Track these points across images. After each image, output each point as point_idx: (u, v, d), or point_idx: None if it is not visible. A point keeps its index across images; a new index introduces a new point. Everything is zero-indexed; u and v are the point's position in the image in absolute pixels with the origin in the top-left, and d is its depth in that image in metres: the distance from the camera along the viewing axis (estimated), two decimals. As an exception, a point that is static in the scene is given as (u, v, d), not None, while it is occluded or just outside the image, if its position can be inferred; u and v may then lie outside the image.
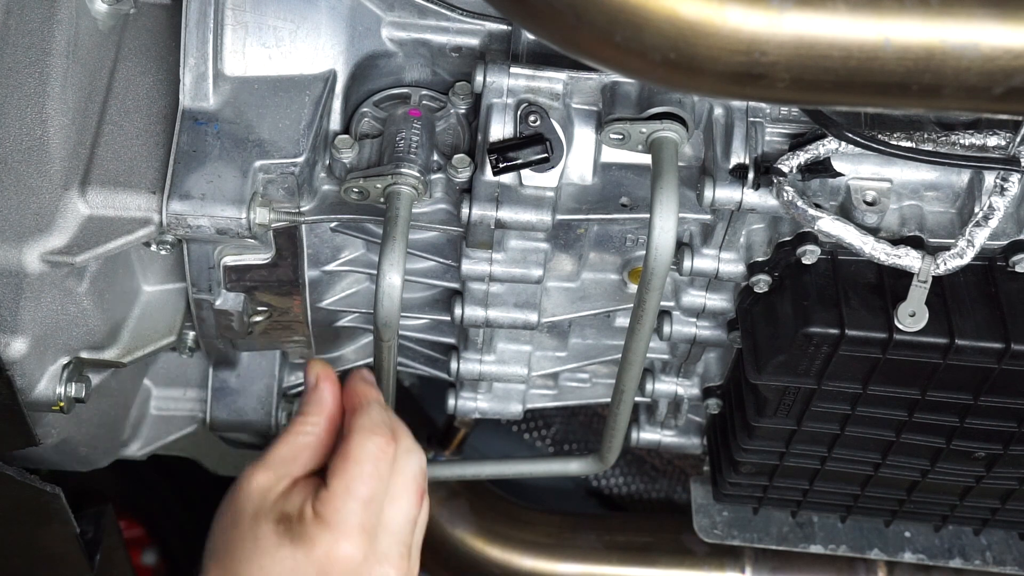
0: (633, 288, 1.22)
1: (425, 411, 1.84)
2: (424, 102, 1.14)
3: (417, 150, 1.09)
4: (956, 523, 1.42)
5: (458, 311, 1.19)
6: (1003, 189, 1.02)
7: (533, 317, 1.19)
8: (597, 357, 1.33)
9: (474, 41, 1.14)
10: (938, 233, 1.08)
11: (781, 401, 1.17)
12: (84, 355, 1.13)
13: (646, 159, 1.07)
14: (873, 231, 1.05)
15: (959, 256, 1.03)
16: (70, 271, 1.06)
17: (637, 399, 1.37)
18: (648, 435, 1.46)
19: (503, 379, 1.32)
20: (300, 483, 0.98)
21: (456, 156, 1.09)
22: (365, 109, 1.14)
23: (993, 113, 0.87)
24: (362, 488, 0.95)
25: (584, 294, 1.23)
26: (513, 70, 1.08)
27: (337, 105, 1.13)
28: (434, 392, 1.76)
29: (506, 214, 1.08)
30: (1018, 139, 1.00)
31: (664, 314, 1.24)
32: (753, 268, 1.13)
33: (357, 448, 0.97)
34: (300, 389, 1.35)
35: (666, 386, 1.36)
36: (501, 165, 1.06)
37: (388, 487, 0.98)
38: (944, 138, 1.03)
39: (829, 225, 1.03)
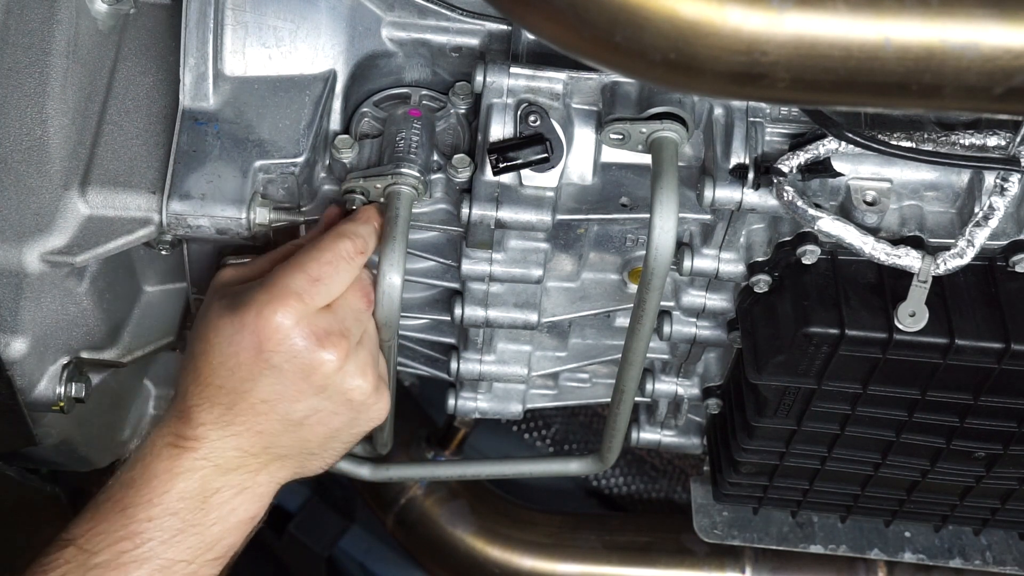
0: (633, 288, 1.22)
1: (425, 411, 1.84)
2: (424, 102, 1.14)
3: (417, 150, 1.09)
4: (956, 523, 1.42)
5: (458, 311, 1.19)
6: (1003, 189, 1.02)
7: (533, 317, 1.19)
8: (597, 357, 1.33)
9: (474, 41, 1.14)
10: (938, 233, 1.08)
11: (781, 401, 1.17)
12: (84, 355, 1.13)
13: (646, 159, 1.07)
14: (873, 231, 1.05)
15: (959, 256, 1.03)
16: (70, 271, 1.06)
17: (637, 399, 1.37)
18: (648, 435, 1.46)
19: (503, 379, 1.32)
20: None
21: (456, 156, 1.10)
22: (365, 109, 1.14)
23: (993, 113, 0.87)
24: (314, 268, 0.98)
25: (584, 294, 1.23)
26: (513, 70, 1.08)
27: (337, 105, 1.13)
28: (434, 392, 1.76)
29: (506, 214, 1.08)
30: (1018, 139, 1.00)
31: (664, 314, 1.24)
32: (753, 268, 1.13)
33: (329, 240, 1.00)
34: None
35: (666, 386, 1.36)
36: (501, 165, 1.06)
37: (342, 284, 0.99)
38: (944, 138, 1.03)
39: (829, 225, 1.03)
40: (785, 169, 1.04)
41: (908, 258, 1.04)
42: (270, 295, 0.96)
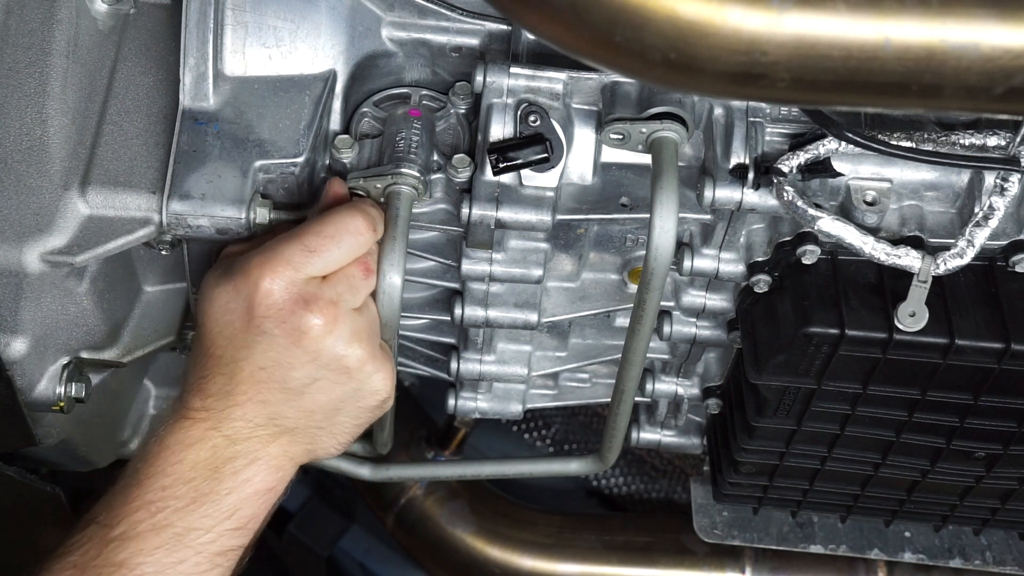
0: (633, 288, 1.22)
1: (425, 411, 1.84)
2: (424, 102, 1.14)
3: (417, 150, 1.09)
4: (956, 523, 1.42)
5: (458, 311, 1.19)
6: (1003, 189, 1.02)
7: (533, 317, 1.19)
8: (597, 357, 1.33)
9: (474, 41, 1.14)
10: (938, 233, 1.08)
11: (781, 401, 1.17)
12: (84, 355, 1.13)
13: (646, 159, 1.07)
14: (873, 231, 1.05)
15: (959, 256, 1.03)
16: (70, 271, 1.06)
17: (637, 399, 1.37)
18: (648, 435, 1.46)
19: (503, 379, 1.32)
20: None
21: (456, 156, 1.10)
22: (365, 109, 1.14)
23: (993, 113, 0.87)
24: (311, 239, 0.98)
25: (584, 294, 1.23)
26: (513, 70, 1.08)
27: (337, 105, 1.13)
28: (434, 392, 1.76)
29: (506, 214, 1.08)
30: (1018, 139, 1.00)
31: (664, 314, 1.24)
32: (753, 268, 1.13)
33: (337, 213, 1.00)
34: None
35: (666, 386, 1.36)
36: (501, 165, 1.06)
37: (342, 258, 0.99)
38: (944, 138, 1.03)
39: (829, 225, 1.03)
40: (785, 169, 1.04)
41: (908, 258, 1.04)
42: (261, 261, 0.97)
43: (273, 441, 1.01)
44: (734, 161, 1.06)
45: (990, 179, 1.05)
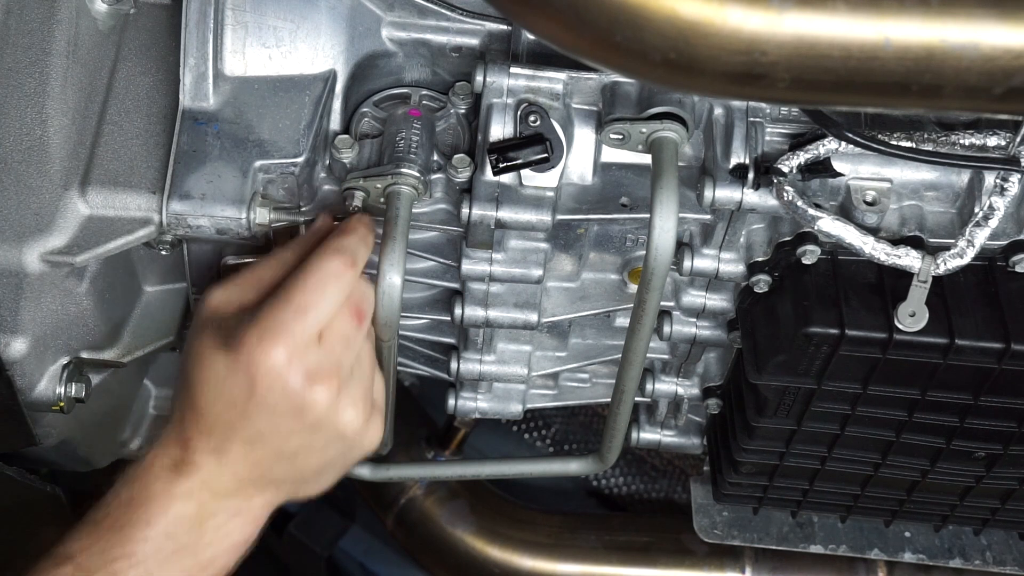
0: (633, 288, 1.22)
1: (425, 411, 1.84)
2: (424, 102, 1.14)
3: (417, 150, 1.09)
4: (956, 523, 1.42)
5: (458, 311, 1.19)
6: (1003, 189, 1.02)
7: (533, 317, 1.19)
8: (597, 357, 1.33)
9: (474, 41, 1.14)
10: (938, 233, 1.08)
11: (781, 401, 1.17)
12: (84, 355, 1.13)
13: (646, 159, 1.07)
14: (873, 231, 1.05)
15: (959, 256, 1.03)
16: (70, 271, 1.06)
17: (637, 399, 1.37)
18: (648, 435, 1.46)
19: (503, 379, 1.32)
20: (254, 304, 0.99)
21: (456, 156, 1.09)
22: (365, 109, 1.14)
23: (993, 113, 0.87)
24: (299, 297, 0.96)
25: (584, 294, 1.23)
26: (513, 70, 1.08)
27: (337, 105, 1.13)
28: (434, 392, 1.76)
29: (506, 214, 1.08)
30: (1018, 139, 1.00)
31: (664, 314, 1.24)
32: (753, 268, 1.13)
33: (314, 262, 0.99)
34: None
35: (666, 386, 1.36)
36: (501, 165, 1.06)
37: (331, 307, 0.98)
38: (944, 138, 1.03)
39: (829, 225, 1.03)
40: (785, 169, 1.04)
41: (908, 258, 1.04)
42: (260, 333, 0.95)
43: (259, 494, 1.01)
44: (734, 161, 1.06)
45: (990, 179, 1.05)
